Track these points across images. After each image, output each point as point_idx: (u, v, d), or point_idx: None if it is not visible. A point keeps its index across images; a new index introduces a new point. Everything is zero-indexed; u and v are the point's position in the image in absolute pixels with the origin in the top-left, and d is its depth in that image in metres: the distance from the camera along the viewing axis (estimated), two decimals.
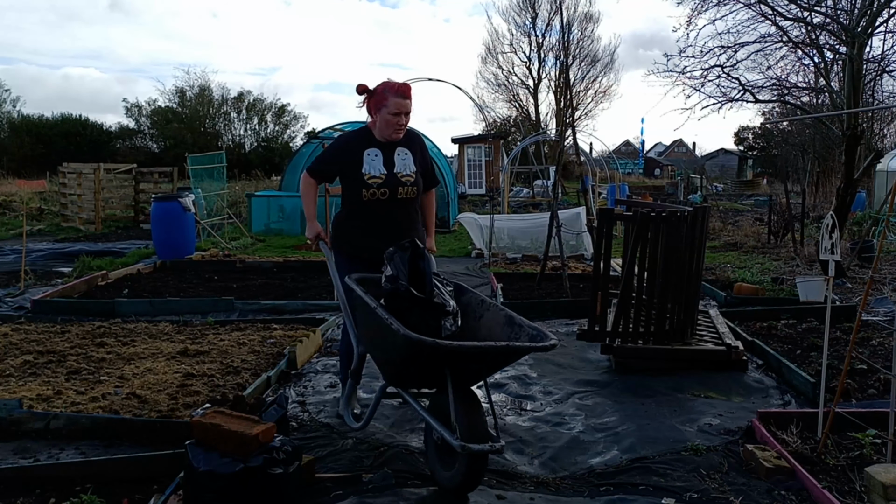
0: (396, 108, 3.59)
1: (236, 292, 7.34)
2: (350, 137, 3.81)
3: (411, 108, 3.65)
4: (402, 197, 3.69)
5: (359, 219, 3.73)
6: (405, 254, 3.21)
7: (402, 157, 3.74)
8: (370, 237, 3.65)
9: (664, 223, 4.93)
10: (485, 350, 2.79)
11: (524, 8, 40.17)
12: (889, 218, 9.99)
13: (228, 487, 2.63)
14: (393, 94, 3.58)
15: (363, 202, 3.66)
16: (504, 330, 3.16)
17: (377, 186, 3.64)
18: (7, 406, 3.59)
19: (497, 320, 3.24)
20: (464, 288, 3.53)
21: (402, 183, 3.68)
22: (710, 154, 58.51)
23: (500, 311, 3.27)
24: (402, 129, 3.68)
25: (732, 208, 22.62)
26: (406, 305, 3.08)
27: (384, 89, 3.61)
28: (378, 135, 3.71)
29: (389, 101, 3.58)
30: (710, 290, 7.54)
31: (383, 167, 3.67)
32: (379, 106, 3.64)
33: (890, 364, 3.69)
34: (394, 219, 3.70)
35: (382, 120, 3.64)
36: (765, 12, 10.87)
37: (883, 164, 15.85)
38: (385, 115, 3.62)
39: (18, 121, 38.85)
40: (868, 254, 9.46)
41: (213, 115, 41.97)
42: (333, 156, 3.80)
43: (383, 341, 3.04)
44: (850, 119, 10.09)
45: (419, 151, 3.84)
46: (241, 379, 4.45)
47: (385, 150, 3.71)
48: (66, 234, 14.08)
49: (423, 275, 3.24)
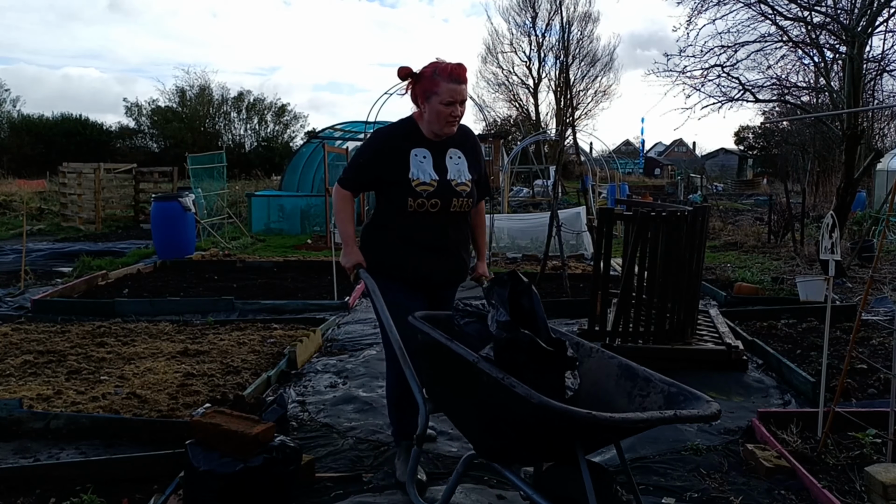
0: (450, 96, 2.86)
1: (236, 292, 7.34)
2: (392, 132, 3.08)
3: (467, 94, 2.93)
4: (455, 210, 3.01)
5: (400, 232, 3.01)
6: (504, 289, 2.47)
7: (455, 162, 3.05)
8: (413, 256, 3.00)
9: (664, 223, 4.93)
10: (650, 422, 2.13)
11: (524, 7, 40.22)
12: (889, 217, 9.98)
13: (228, 487, 2.63)
14: (446, 79, 2.85)
15: (408, 213, 2.96)
16: (622, 385, 2.45)
17: (427, 196, 2.94)
18: (7, 406, 3.59)
19: (607, 371, 2.54)
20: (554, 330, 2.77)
21: (456, 193, 3.00)
22: (710, 154, 58.53)
23: (611, 358, 2.57)
24: (457, 121, 2.97)
25: (732, 208, 22.61)
26: (522, 359, 2.31)
27: (434, 72, 2.88)
28: (426, 130, 3.00)
29: (441, 88, 2.85)
30: (710, 289, 7.53)
31: (434, 172, 2.98)
32: (428, 93, 2.90)
33: (890, 364, 3.69)
34: (444, 236, 3.03)
35: (433, 111, 2.91)
36: (765, 12, 10.89)
37: (883, 164, 15.83)
38: (436, 104, 2.89)
39: (18, 120, 38.88)
40: (868, 253, 9.46)
41: (213, 114, 42.00)
42: (373, 157, 3.03)
43: (482, 405, 2.39)
44: (850, 119, 10.09)
45: (473, 153, 3.15)
46: (241, 379, 4.45)
47: (435, 151, 3.01)
48: (66, 233, 14.09)
49: (531, 317, 2.49)
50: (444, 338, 2.41)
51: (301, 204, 14.68)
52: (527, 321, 2.43)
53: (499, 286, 2.49)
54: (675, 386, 2.28)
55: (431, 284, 3.08)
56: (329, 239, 10.05)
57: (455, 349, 2.35)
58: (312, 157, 16.70)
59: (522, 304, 2.49)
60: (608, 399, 2.45)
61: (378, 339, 5.67)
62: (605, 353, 2.60)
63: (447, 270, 3.09)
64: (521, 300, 2.49)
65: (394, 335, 2.76)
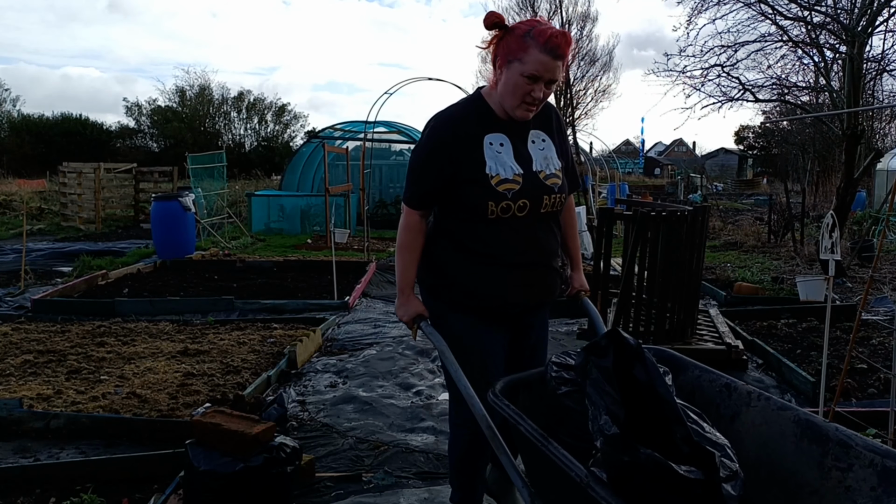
0: (537, 69, 2.06)
1: (236, 292, 7.34)
2: (458, 114, 2.23)
3: (560, 74, 2.10)
4: (546, 211, 2.25)
5: (478, 247, 2.22)
6: (605, 361, 1.64)
7: (539, 147, 2.27)
8: (497, 278, 2.24)
9: (664, 223, 4.93)
10: None
11: (524, 7, 40.19)
12: (889, 217, 9.98)
13: (228, 487, 2.63)
14: (539, 46, 2.04)
15: (487, 222, 2.18)
16: (806, 450, 1.69)
17: (512, 196, 2.17)
18: (7, 405, 3.59)
19: (778, 427, 1.77)
20: (682, 360, 2.06)
21: (547, 189, 2.23)
22: (710, 153, 58.55)
23: (781, 410, 1.79)
24: (535, 107, 2.17)
25: (732, 207, 22.61)
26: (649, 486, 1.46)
27: (528, 32, 2.07)
28: (497, 106, 2.21)
29: (530, 55, 2.06)
30: (710, 289, 7.54)
31: (516, 164, 2.20)
32: (510, 56, 2.10)
33: (890, 363, 3.69)
34: (535, 247, 2.26)
35: (509, 82, 2.12)
36: (765, 11, 10.88)
37: (883, 164, 15.84)
38: (515, 74, 2.09)
39: (18, 120, 38.92)
40: (868, 253, 9.46)
41: (213, 114, 42.05)
42: (440, 157, 2.19)
43: None
44: (850, 118, 10.09)
45: (559, 134, 2.37)
46: (241, 378, 4.45)
47: (514, 135, 2.23)
48: (67, 233, 14.09)
49: (652, 399, 1.61)
50: (539, 435, 1.64)
51: (301, 204, 14.69)
52: (646, 405, 1.61)
53: (596, 356, 1.67)
54: (891, 457, 1.51)
55: (519, 311, 2.34)
56: (329, 239, 10.06)
57: (554, 457, 1.58)
58: (312, 157, 16.70)
59: (636, 377, 1.64)
60: (788, 469, 1.72)
61: (378, 338, 5.68)
62: (773, 402, 1.83)
63: (540, 291, 2.31)
64: (633, 372, 1.65)
65: (476, 407, 1.90)
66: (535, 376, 1.93)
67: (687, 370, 2.03)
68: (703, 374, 1.99)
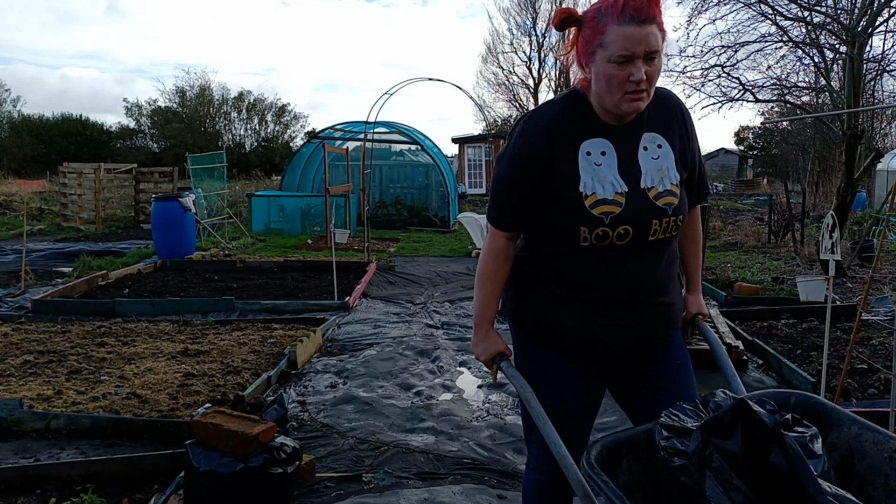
0: (624, 47, 1.63)
1: (236, 292, 7.35)
2: (554, 117, 1.81)
3: (659, 42, 1.66)
4: (654, 239, 1.80)
5: (566, 280, 1.84)
6: (731, 444, 1.28)
7: (652, 155, 1.82)
8: (590, 318, 1.84)
9: None
10: None
11: (524, 8, 40.25)
12: (889, 217, 9.98)
13: (229, 487, 2.63)
14: (616, 18, 1.63)
15: (580, 249, 1.78)
16: None
17: (610, 221, 1.75)
18: (7, 406, 3.59)
19: None
20: (835, 413, 1.60)
21: (658, 211, 1.78)
22: (711, 154, 58.52)
23: None
24: (645, 92, 1.69)
25: (732, 208, 22.61)
26: None
27: (599, 11, 1.67)
28: (597, 106, 1.78)
29: (609, 35, 1.65)
30: (710, 289, 7.53)
31: (619, 178, 1.78)
32: (590, 46, 1.70)
33: (890, 364, 3.69)
34: (639, 282, 1.83)
35: (599, 76, 1.70)
36: (765, 12, 10.89)
37: (883, 164, 15.85)
38: (602, 64, 1.67)
39: (18, 121, 38.93)
40: (868, 253, 9.46)
41: (213, 115, 42.04)
42: (526, 170, 1.80)
43: None
44: (850, 119, 10.09)
45: (682, 133, 1.88)
46: (242, 379, 4.45)
47: (620, 140, 1.80)
48: (67, 233, 14.09)
49: (796, 493, 1.23)
50: None
51: (301, 204, 14.70)
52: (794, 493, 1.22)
53: (717, 436, 1.28)
54: None
55: (623, 355, 1.91)
56: (329, 239, 10.06)
57: None
58: (313, 157, 16.70)
59: (774, 465, 1.24)
60: None
61: (378, 339, 5.68)
62: None
63: (645, 336, 1.89)
64: (769, 459, 1.25)
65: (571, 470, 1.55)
66: (643, 434, 1.55)
67: (842, 426, 1.56)
68: (865, 432, 1.51)
